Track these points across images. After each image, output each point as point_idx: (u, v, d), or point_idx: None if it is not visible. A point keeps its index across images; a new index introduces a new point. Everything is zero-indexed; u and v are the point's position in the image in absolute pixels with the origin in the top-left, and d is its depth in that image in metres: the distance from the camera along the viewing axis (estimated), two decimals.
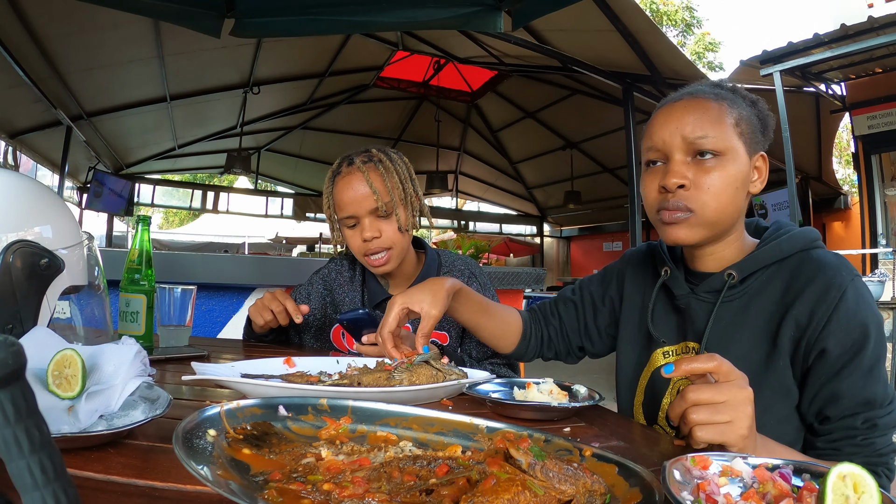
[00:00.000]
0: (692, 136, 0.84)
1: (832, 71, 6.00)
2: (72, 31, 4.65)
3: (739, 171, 0.85)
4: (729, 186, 0.84)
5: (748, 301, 0.88)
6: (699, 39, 16.86)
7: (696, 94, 0.88)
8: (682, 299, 0.94)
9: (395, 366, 0.89)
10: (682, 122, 0.85)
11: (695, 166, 0.85)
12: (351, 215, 1.27)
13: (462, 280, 1.38)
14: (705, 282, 0.91)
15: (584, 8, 4.07)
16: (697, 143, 0.84)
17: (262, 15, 2.46)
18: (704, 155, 0.84)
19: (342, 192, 1.27)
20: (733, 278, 0.87)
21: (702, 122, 0.84)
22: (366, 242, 1.26)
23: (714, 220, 0.85)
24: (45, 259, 0.76)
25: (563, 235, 13.35)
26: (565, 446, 0.57)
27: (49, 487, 0.25)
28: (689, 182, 0.84)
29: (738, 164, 0.85)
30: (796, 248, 0.87)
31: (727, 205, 0.85)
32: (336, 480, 0.46)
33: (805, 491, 0.47)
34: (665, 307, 0.99)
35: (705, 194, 0.84)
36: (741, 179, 0.85)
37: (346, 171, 1.28)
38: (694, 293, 0.93)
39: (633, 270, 1.08)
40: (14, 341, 0.24)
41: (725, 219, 0.86)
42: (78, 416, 0.57)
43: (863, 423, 0.78)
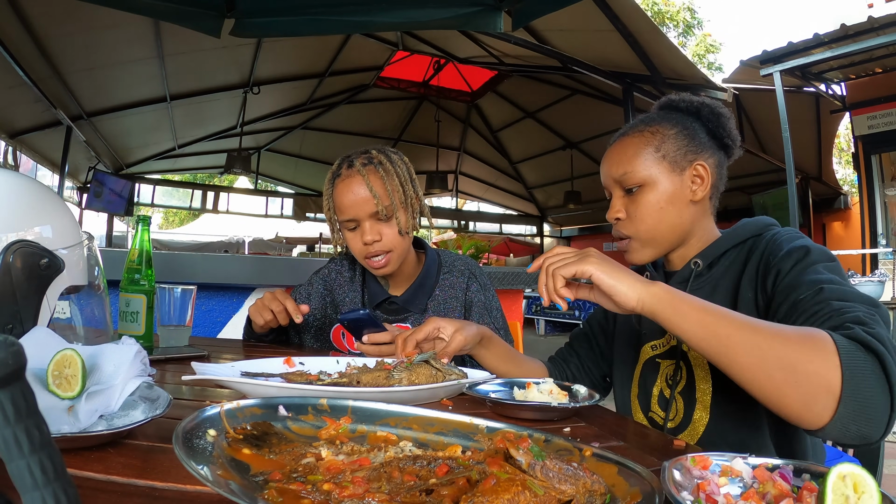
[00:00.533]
0: (615, 176, 0.98)
1: (832, 71, 6.00)
2: (72, 31, 4.65)
3: (664, 193, 0.95)
4: (654, 209, 0.96)
5: (715, 283, 0.96)
6: (700, 40, 16.87)
7: (625, 133, 1.01)
8: None
9: (394, 365, 0.89)
10: (608, 165, 1.00)
11: (627, 199, 0.98)
12: (351, 218, 1.26)
13: (462, 281, 1.38)
14: (676, 274, 1.01)
15: (584, 8, 4.07)
16: (621, 180, 0.98)
17: (262, 15, 2.46)
18: (631, 189, 0.97)
19: (342, 196, 1.26)
20: (699, 266, 0.97)
21: (620, 162, 0.98)
22: (366, 245, 1.25)
23: (650, 238, 0.97)
24: (45, 259, 0.76)
25: (563, 235, 13.34)
26: (565, 446, 0.57)
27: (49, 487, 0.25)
28: (623, 214, 0.98)
29: (662, 186, 0.95)
30: (750, 232, 0.96)
31: (657, 224, 0.96)
32: (336, 480, 0.46)
33: (805, 491, 0.47)
34: None
35: (636, 221, 0.97)
36: (666, 199, 0.96)
37: (345, 173, 1.27)
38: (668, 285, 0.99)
39: None
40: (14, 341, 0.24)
41: (663, 234, 0.97)
42: (78, 416, 0.57)
43: (813, 295, 0.76)
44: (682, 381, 0.97)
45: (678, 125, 0.98)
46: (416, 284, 1.36)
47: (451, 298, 1.36)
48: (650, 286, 0.77)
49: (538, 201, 12.27)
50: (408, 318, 1.35)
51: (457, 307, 1.36)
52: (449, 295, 1.36)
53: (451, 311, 1.35)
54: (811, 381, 0.64)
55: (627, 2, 4.11)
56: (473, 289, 1.37)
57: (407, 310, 1.35)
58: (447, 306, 1.35)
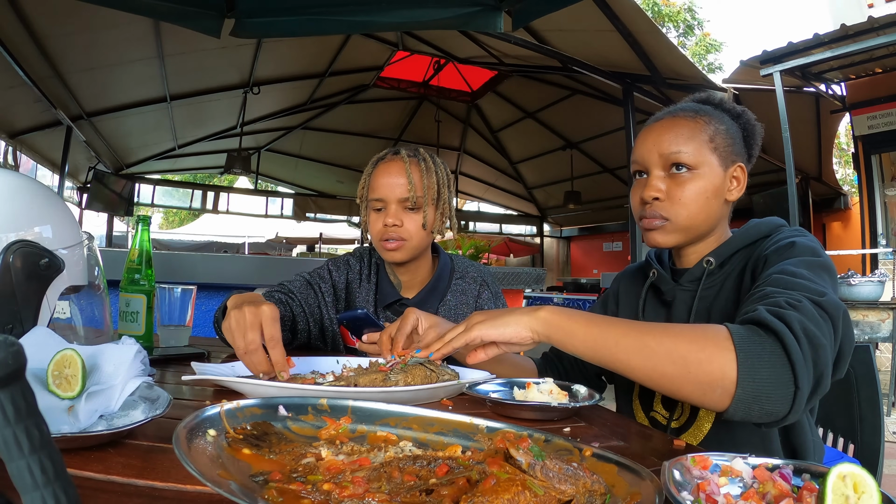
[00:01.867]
0: (667, 152, 0.94)
1: (832, 71, 6.00)
2: (72, 31, 4.64)
3: (711, 183, 0.94)
4: (700, 197, 0.94)
5: (723, 282, 0.96)
6: (700, 40, 16.86)
7: (675, 113, 0.98)
8: (669, 293, 1.02)
9: (390, 367, 0.89)
10: (660, 140, 0.95)
11: (670, 179, 0.95)
12: (380, 198, 1.29)
13: (473, 288, 1.39)
14: (688, 272, 0.99)
15: (584, 8, 4.07)
16: (672, 157, 0.94)
17: (262, 15, 2.46)
18: (679, 168, 0.94)
19: (379, 176, 1.31)
20: (711, 265, 0.96)
21: (676, 139, 0.94)
22: (386, 227, 1.28)
23: (687, 226, 0.95)
24: (45, 259, 0.76)
25: (563, 235, 13.34)
26: (565, 446, 0.57)
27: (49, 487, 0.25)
28: (663, 194, 0.95)
29: (711, 176, 0.94)
30: (762, 232, 0.95)
31: (698, 213, 0.94)
32: (336, 480, 0.46)
33: (805, 491, 0.47)
34: (655, 304, 1.07)
35: (677, 205, 0.94)
36: (712, 190, 0.94)
37: (390, 158, 1.33)
38: (679, 284, 1.01)
39: (626, 282, 1.17)
40: (14, 341, 0.24)
41: (698, 225, 0.95)
42: (78, 416, 0.57)
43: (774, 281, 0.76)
44: None
45: (725, 123, 0.97)
46: (428, 288, 1.36)
47: (462, 304, 1.37)
48: (536, 312, 0.78)
49: (538, 201, 12.26)
50: None
51: (466, 313, 1.36)
52: (460, 301, 1.37)
53: (462, 317, 1.35)
54: (704, 370, 0.66)
55: (627, 2, 4.11)
56: (485, 296, 1.39)
57: None
58: (458, 312, 1.36)
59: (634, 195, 1.00)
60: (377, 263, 1.43)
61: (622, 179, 9.30)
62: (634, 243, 4.89)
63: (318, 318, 1.38)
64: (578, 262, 13.21)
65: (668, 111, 1.00)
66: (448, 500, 0.43)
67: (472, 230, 12.47)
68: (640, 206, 0.99)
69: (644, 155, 0.98)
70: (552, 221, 13.00)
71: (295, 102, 8.31)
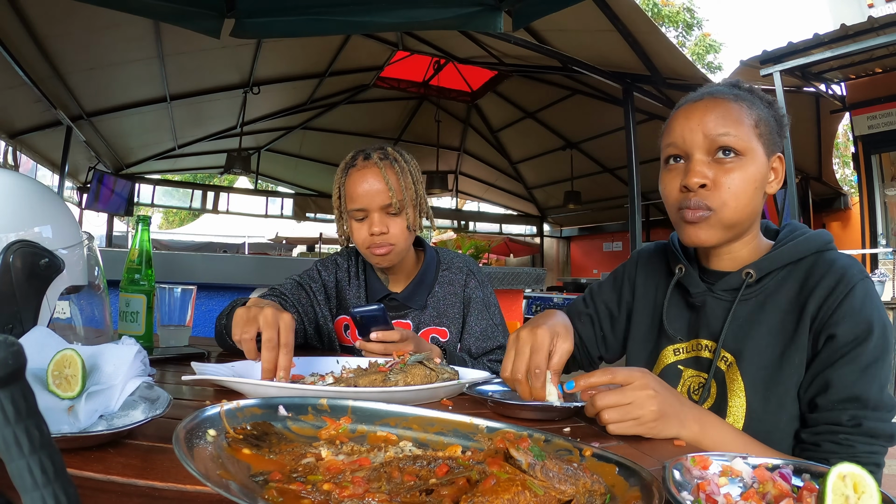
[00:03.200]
0: (714, 133, 0.84)
1: (832, 71, 6.00)
2: (72, 31, 4.64)
3: (758, 172, 0.86)
4: (749, 186, 0.85)
5: (764, 300, 0.88)
6: (700, 40, 16.86)
7: (715, 94, 0.89)
8: (699, 297, 0.94)
9: (390, 367, 0.89)
10: (704, 120, 0.85)
11: (715, 165, 0.85)
12: (362, 208, 1.27)
13: (460, 277, 1.39)
14: (723, 280, 0.91)
15: (584, 8, 4.07)
16: (719, 140, 0.84)
17: (262, 15, 2.45)
18: (726, 153, 0.84)
19: (356, 185, 1.27)
20: (751, 277, 0.88)
21: (724, 121, 0.85)
22: (372, 236, 1.27)
23: (733, 220, 0.86)
24: (45, 259, 0.76)
25: (563, 235, 13.34)
26: (565, 446, 0.57)
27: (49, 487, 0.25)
28: (709, 182, 0.84)
29: (757, 164, 0.85)
30: (811, 249, 0.88)
31: (745, 204, 0.85)
32: (336, 480, 0.46)
33: (805, 491, 0.47)
34: (678, 305, 0.99)
35: (725, 193, 0.84)
36: (759, 180, 0.86)
37: (361, 164, 1.30)
38: (711, 291, 0.93)
39: (645, 269, 1.08)
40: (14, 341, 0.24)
41: (744, 219, 0.87)
42: (78, 416, 0.57)
43: (848, 420, 0.76)
44: (709, 400, 0.90)
45: (765, 109, 0.89)
46: (415, 281, 1.37)
47: (451, 295, 1.38)
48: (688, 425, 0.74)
49: (538, 201, 12.26)
50: (407, 315, 1.36)
51: (456, 303, 1.37)
52: (448, 291, 1.38)
53: (451, 308, 1.36)
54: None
55: (627, 2, 4.11)
56: (472, 285, 1.39)
57: (407, 306, 1.36)
58: (446, 302, 1.37)
59: (671, 183, 0.89)
60: (364, 261, 1.43)
61: (622, 179, 9.29)
62: (634, 244, 4.88)
63: (312, 317, 1.38)
64: (578, 262, 13.21)
65: (707, 91, 0.90)
66: (448, 500, 0.43)
67: (472, 230, 12.46)
68: (678, 195, 0.88)
69: (686, 136, 0.86)
70: (552, 221, 12.99)
71: (295, 102, 8.31)
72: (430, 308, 1.36)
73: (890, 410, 0.77)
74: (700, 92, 0.91)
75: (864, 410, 0.76)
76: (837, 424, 0.77)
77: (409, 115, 9.61)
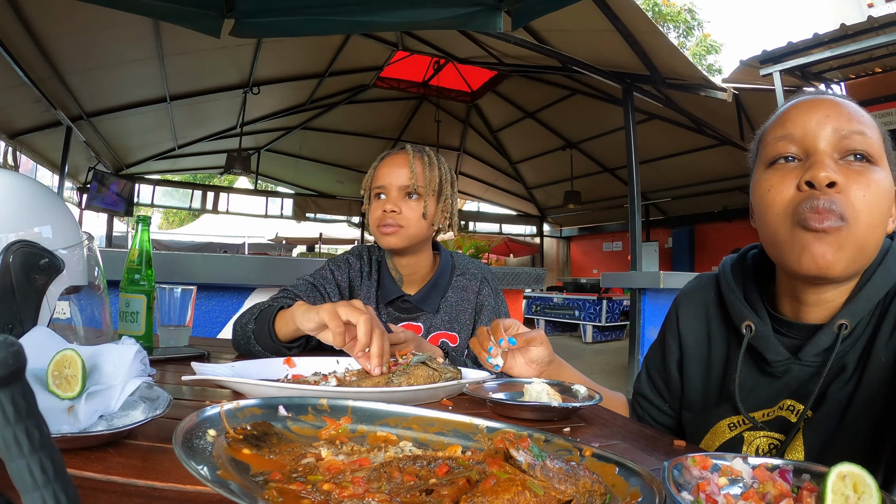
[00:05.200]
0: (846, 130, 0.67)
1: (832, 71, 6.00)
2: (72, 31, 4.64)
3: (890, 191, 0.67)
4: (883, 202, 0.66)
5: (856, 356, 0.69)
6: (700, 41, 16.87)
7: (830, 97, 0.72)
8: (778, 367, 0.73)
9: (393, 368, 0.89)
10: (835, 113, 0.68)
11: (845, 168, 0.66)
12: (382, 185, 1.32)
13: (474, 284, 1.40)
14: (813, 342, 0.69)
15: (584, 8, 4.07)
16: (853, 138, 0.67)
17: (262, 15, 2.46)
18: (857, 158, 0.67)
19: (383, 166, 1.34)
20: (846, 328, 0.67)
21: (854, 119, 0.68)
22: (384, 213, 1.30)
23: (863, 241, 0.65)
24: (45, 259, 0.76)
25: (563, 235, 13.35)
26: (565, 446, 0.57)
27: (49, 487, 0.25)
28: (840, 183, 0.65)
29: (888, 184, 0.67)
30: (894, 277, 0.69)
31: (877, 226, 0.66)
32: (336, 480, 0.46)
33: (805, 491, 0.47)
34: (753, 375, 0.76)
35: (859, 202, 0.64)
36: (890, 200, 0.68)
37: (396, 152, 1.37)
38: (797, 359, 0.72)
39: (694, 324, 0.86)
40: (14, 341, 0.24)
41: (871, 248, 0.67)
42: (78, 416, 0.57)
43: None
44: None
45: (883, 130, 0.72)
46: (429, 284, 1.38)
47: (463, 300, 1.39)
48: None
49: (538, 201, 12.27)
50: (419, 318, 1.36)
51: (468, 309, 1.38)
52: (461, 297, 1.39)
53: (463, 313, 1.37)
54: None
55: (627, 2, 4.10)
56: (485, 292, 1.41)
57: (419, 309, 1.36)
58: (459, 308, 1.38)
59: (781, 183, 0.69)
60: (378, 260, 1.43)
61: (622, 179, 9.30)
62: (634, 244, 4.87)
63: None
64: (578, 262, 13.21)
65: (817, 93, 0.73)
66: (448, 500, 0.43)
67: (472, 230, 12.47)
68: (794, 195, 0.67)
69: (809, 129, 0.68)
70: (552, 221, 13.00)
71: (295, 102, 8.32)
72: (443, 312, 1.37)
73: None
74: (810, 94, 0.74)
75: None
76: None
77: (409, 115, 9.61)
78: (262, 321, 1.09)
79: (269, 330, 1.06)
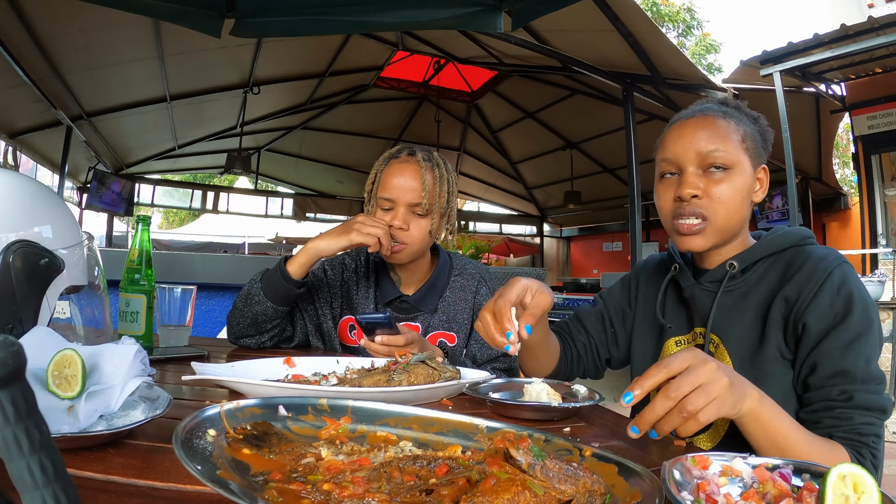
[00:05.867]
0: (704, 151, 0.93)
1: (832, 71, 6.00)
2: (72, 31, 4.64)
3: (745, 183, 0.94)
4: (737, 196, 0.93)
5: (747, 290, 0.96)
6: (700, 40, 16.86)
7: (706, 112, 0.97)
8: (688, 290, 1.02)
9: (393, 367, 0.89)
10: (695, 138, 0.94)
11: (706, 178, 0.93)
12: (391, 198, 1.29)
13: (472, 284, 1.40)
14: (709, 273, 0.99)
15: (584, 8, 4.07)
16: (710, 156, 0.92)
17: (262, 15, 2.45)
18: (716, 168, 0.93)
19: (393, 175, 1.30)
20: (734, 268, 0.96)
21: (713, 138, 0.93)
22: (391, 229, 1.28)
23: (724, 226, 0.94)
24: (45, 259, 0.76)
25: (563, 235, 13.34)
26: (565, 446, 0.57)
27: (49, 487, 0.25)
28: (701, 192, 0.93)
29: (744, 176, 0.94)
30: (790, 242, 0.96)
31: (734, 213, 0.93)
32: (336, 480, 0.46)
33: (805, 491, 0.47)
34: (674, 300, 1.08)
35: (716, 203, 0.92)
36: (746, 190, 0.94)
37: (405, 158, 1.32)
38: (699, 283, 1.01)
39: (648, 273, 1.17)
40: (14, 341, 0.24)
41: (733, 226, 0.95)
42: (78, 416, 0.57)
43: (839, 395, 0.80)
44: None
45: (751, 125, 0.97)
46: (427, 285, 1.37)
47: (461, 300, 1.38)
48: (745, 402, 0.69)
49: (538, 201, 12.26)
50: (417, 318, 1.36)
51: (466, 309, 1.38)
52: (459, 297, 1.39)
53: (460, 313, 1.37)
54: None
55: (627, 2, 4.10)
56: (483, 292, 1.40)
57: (417, 309, 1.36)
58: (457, 308, 1.38)
59: (665, 194, 0.97)
60: (376, 261, 1.43)
61: (622, 179, 9.29)
62: (634, 244, 4.88)
63: (313, 315, 1.39)
64: (578, 262, 13.20)
65: (698, 109, 0.99)
66: (448, 500, 0.43)
67: (472, 230, 12.47)
68: (672, 205, 0.96)
69: (679, 153, 0.95)
70: (552, 221, 12.99)
71: (295, 102, 8.31)
72: (441, 312, 1.36)
73: (879, 383, 0.81)
74: (691, 110, 1.00)
75: (852, 384, 0.80)
76: (829, 400, 0.81)
77: (409, 115, 9.60)
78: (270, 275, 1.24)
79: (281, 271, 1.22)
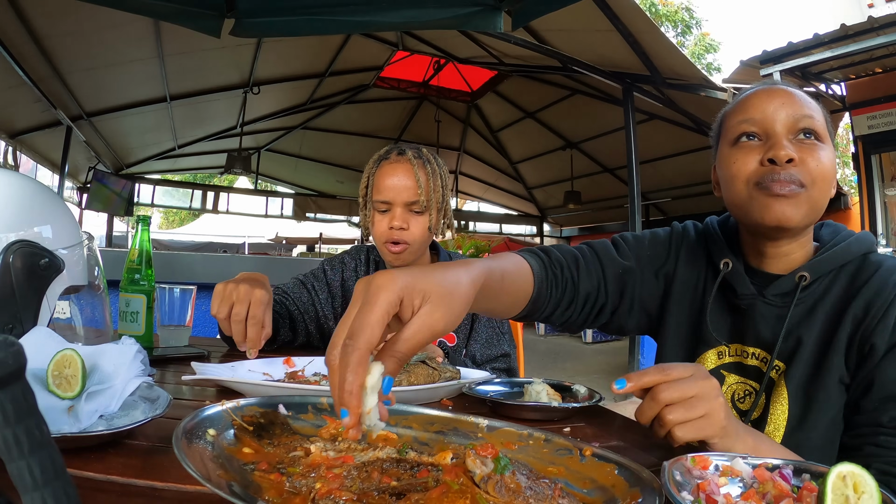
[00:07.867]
0: (799, 114, 0.81)
1: (832, 71, 5.99)
2: (72, 30, 4.64)
3: (833, 161, 0.82)
4: (830, 171, 0.81)
5: (813, 304, 0.84)
6: (699, 40, 16.86)
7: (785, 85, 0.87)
8: (745, 300, 0.86)
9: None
10: (789, 101, 0.83)
11: (798, 144, 0.81)
12: (387, 200, 1.29)
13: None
14: (775, 284, 0.84)
15: (584, 8, 4.07)
16: (804, 121, 0.81)
17: (262, 15, 2.45)
18: (807, 135, 0.81)
19: (386, 177, 1.29)
20: (805, 280, 0.82)
21: (805, 105, 0.83)
22: (391, 230, 1.28)
23: (817, 202, 0.80)
24: (45, 259, 0.76)
25: (563, 235, 13.33)
26: (565, 445, 0.56)
27: (49, 487, 0.25)
28: (798, 158, 0.79)
29: (832, 154, 0.82)
30: (861, 250, 0.85)
31: (828, 190, 0.81)
32: (311, 475, 0.46)
33: (805, 491, 0.47)
34: (720, 304, 0.91)
35: (815, 171, 0.79)
36: (834, 170, 0.82)
37: (395, 158, 1.32)
38: (762, 295, 0.85)
39: (689, 247, 0.98)
40: (14, 341, 0.24)
41: (822, 207, 0.82)
42: (78, 416, 0.57)
43: (889, 421, 0.73)
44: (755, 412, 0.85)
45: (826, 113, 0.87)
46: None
47: None
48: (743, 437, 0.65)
49: (538, 201, 12.26)
50: None
51: None
52: None
53: None
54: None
55: (627, 2, 4.10)
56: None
57: None
58: None
59: (746, 158, 0.83)
60: (375, 261, 1.43)
61: (622, 179, 9.29)
62: None
63: (313, 315, 1.38)
64: None
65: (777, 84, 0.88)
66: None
67: (472, 230, 12.46)
68: (758, 169, 0.82)
69: (768, 113, 0.82)
70: (552, 221, 12.99)
71: (295, 102, 8.31)
72: None
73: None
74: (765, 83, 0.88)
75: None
76: (877, 425, 0.74)
77: (409, 115, 9.60)
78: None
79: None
